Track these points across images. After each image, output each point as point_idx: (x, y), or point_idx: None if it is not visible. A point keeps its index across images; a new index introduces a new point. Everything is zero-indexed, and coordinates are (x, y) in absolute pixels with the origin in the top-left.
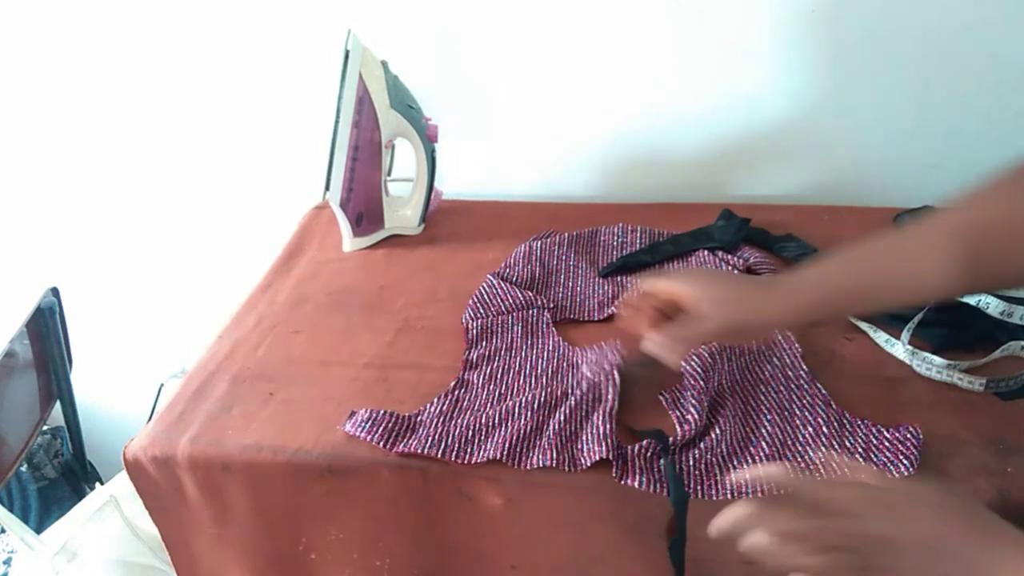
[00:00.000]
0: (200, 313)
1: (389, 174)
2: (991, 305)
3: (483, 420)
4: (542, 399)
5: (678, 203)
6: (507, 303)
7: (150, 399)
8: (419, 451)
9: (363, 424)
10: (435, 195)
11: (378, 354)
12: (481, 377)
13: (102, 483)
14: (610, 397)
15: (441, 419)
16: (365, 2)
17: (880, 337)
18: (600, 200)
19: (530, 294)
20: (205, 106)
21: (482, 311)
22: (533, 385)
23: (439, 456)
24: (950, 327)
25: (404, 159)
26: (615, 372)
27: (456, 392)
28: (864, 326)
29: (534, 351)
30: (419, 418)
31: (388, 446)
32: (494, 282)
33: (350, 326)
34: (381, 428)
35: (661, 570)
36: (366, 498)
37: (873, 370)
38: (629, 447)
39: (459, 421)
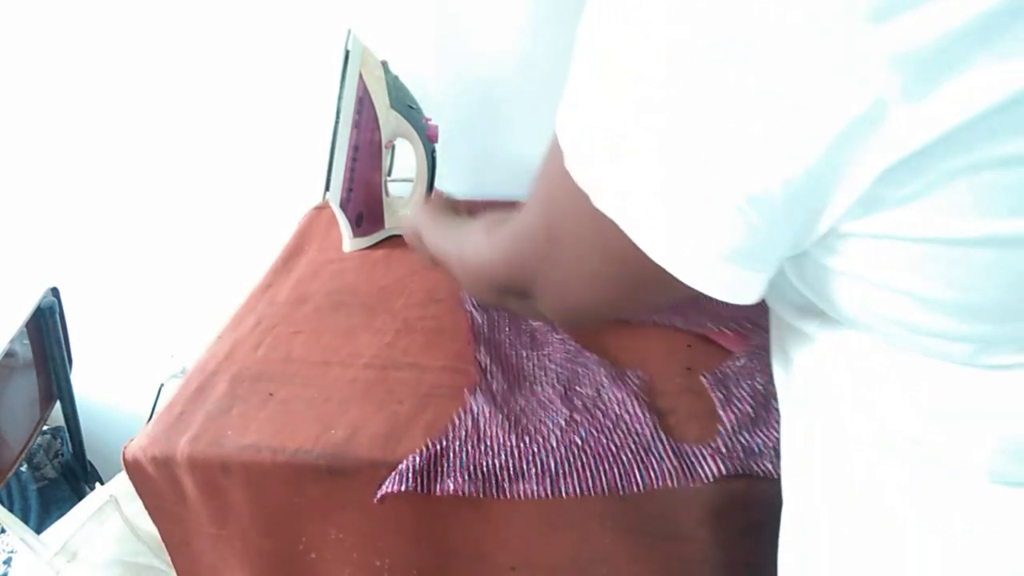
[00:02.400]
0: (200, 313)
1: (389, 174)
2: None
3: (512, 445)
4: (568, 416)
5: None
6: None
7: (150, 399)
8: (459, 492)
9: (395, 479)
10: (435, 195)
11: (378, 354)
12: (493, 379)
13: (102, 483)
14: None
15: (467, 452)
16: (365, 2)
17: None
18: None
19: None
20: (205, 106)
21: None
22: (552, 394)
23: (479, 495)
24: None
25: (404, 159)
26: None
27: (472, 410)
28: None
29: (542, 351)
30: (444, 447)
31: (426, 489)
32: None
33: (350, 326)
34: (411, 474)
35: (661, 571)
36: (366, 498)
37: None
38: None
39: (489, 451)
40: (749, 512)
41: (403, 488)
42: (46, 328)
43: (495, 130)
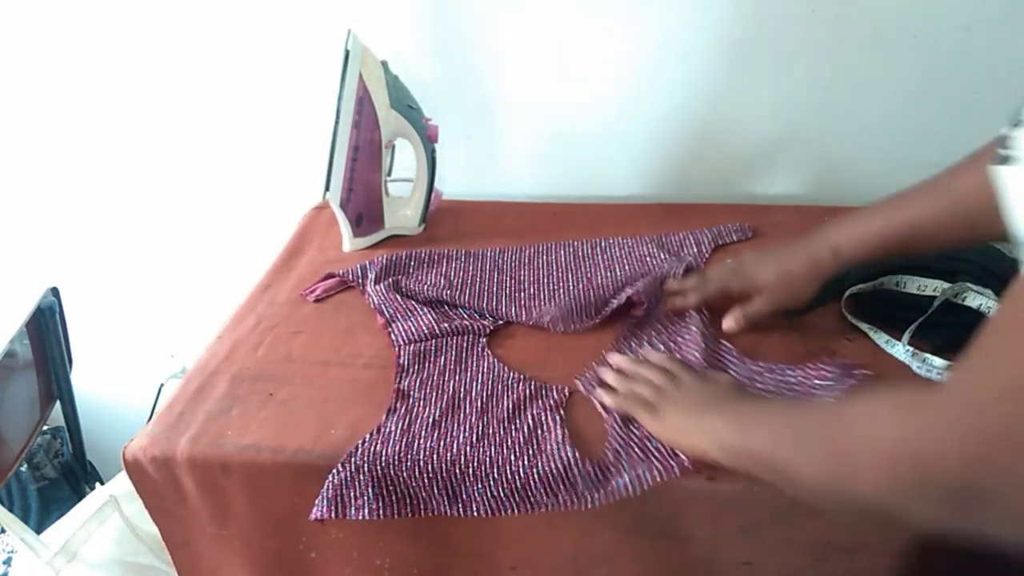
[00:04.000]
0: (200, 313)
1: (389, 174)
2: (993, 309)
3: (423, 461)
4: (480, 431)
5: (678, 203)
6: (440, 326)
7: (150, 399)
8: (373, 517)
9: (316, 508)
10: (435, 195)
11: (378, 354)
12: (416, 403)
13: (102, 483)
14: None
15: (378, 466)
16: (365, 2)
17: (880, 338)
18: (600, 200)
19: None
20: (205, 106)
21: (413, 334)
22: (468, 411)
23: (393, 516)
24: (951, 328)
25: (404, 159)
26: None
27: (389, 423)
28: (865, 327)
29: (468, 375)
30: (353, 471)
31: (341, 514)
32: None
33: (350, 326)
34: (326, 501)
35: (661, 570)
36: None
37: (873, 371)
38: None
39: (400, 468)
40: (747, 512)
41: (321, 515)
42: (46, 328)
43: (495, 130)
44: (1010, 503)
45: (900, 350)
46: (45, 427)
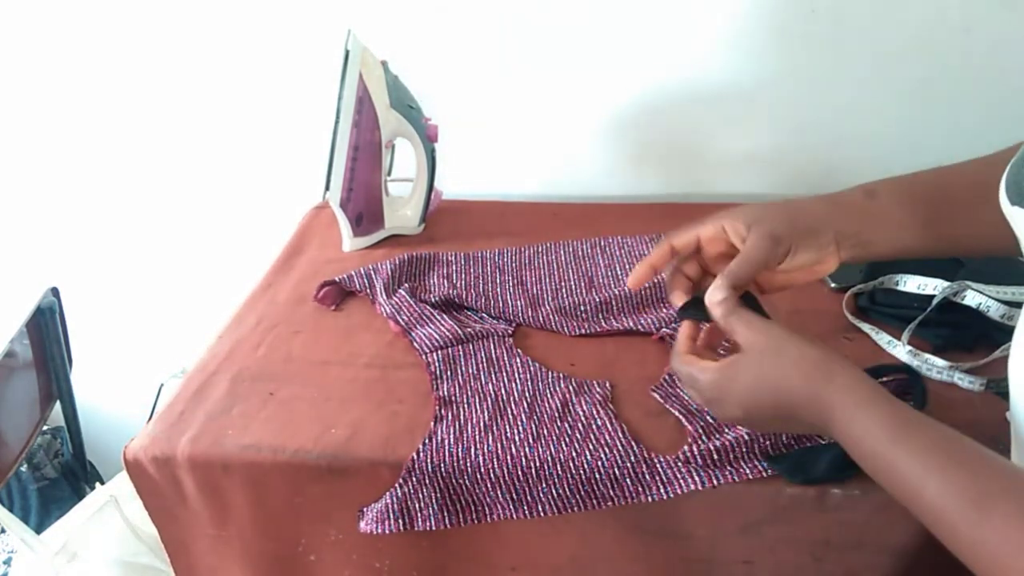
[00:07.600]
0: (200, 313)
1: (389, 174)
2: (991, 308)
3: (484, 465)
4: (534, 431)
5: (677, 203)
6: (464, 330)
7: (150, 399)
8: (440, 526)
9: (375, 518)
10: (435, 195)
11: (378, 354)
12: (460, 408)
13: (102, 483)
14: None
15: (439, 483)
16: (365, 2)
17: (882, 339)
18: (600, 200)
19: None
20: (205, 106)
21: (438, 340)
22: (516, 412)
23: (460, 524)
24: (951, 328)
25: (404, 159)
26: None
27: (439, 430)
28: (865, 327)
29: (504, 376)
30: (415, 482)
31: (408, 527)
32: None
33: (350, 326)
34: (391, 514)
35: (661, 570)
36: (366, 498)
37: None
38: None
39: (460, 480)
40: (747, 511)
41: (386, 530)
42: (46, 328)
43: (495, 130)
44: None
45: (901, 351)
46: (45, 427)
